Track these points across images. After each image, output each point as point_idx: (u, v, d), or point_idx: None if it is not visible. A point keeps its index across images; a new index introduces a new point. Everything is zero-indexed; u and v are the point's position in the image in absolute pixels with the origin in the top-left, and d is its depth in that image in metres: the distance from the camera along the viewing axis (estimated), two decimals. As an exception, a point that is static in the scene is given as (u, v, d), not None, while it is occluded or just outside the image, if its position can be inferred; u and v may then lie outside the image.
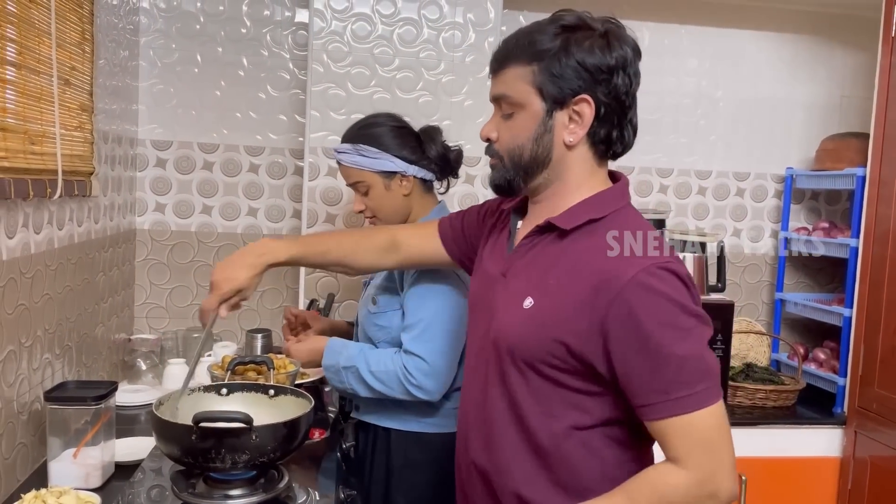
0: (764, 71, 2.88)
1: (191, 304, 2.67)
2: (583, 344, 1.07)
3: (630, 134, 1.15)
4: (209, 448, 1.27)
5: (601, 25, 1.12)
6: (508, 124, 1.16)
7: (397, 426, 1.74)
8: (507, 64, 1.14)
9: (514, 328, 1.14)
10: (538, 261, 1.16)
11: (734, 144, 2.90)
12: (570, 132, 1.12)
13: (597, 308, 1.05)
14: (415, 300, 1.68)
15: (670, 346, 1.02)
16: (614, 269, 1.06)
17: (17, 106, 1.50)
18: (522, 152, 1.15)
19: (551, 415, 1.12)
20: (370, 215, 1.83)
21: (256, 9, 2.60)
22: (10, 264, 1.48)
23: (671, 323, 1.03)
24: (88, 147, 1.94)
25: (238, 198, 2.66)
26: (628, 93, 1.12)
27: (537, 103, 1.12)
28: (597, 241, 1.11)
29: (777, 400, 2.47)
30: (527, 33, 1.13)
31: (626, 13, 2.72)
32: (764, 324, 2.92)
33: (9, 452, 1.51)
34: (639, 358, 1.04)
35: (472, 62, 2.44)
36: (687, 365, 1.02)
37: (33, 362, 1.62)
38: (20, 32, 1.50)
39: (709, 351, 1.06)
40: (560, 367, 1.10)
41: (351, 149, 1.78)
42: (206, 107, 2.61)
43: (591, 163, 1.16)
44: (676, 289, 1.05)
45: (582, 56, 1.09)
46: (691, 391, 1.02)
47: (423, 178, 1.80)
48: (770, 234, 2.95)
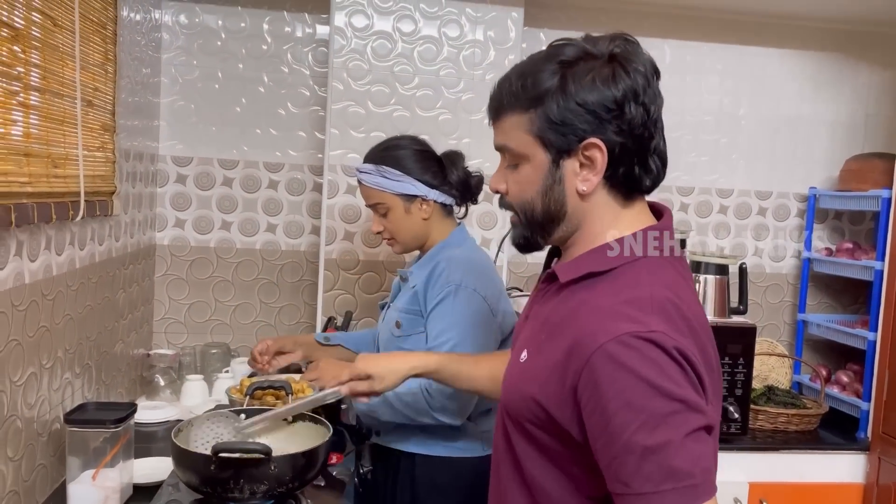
0: (787, 89, 2.85)
1: (209, 320, 2.68)
2: (559, 410, 0.95)
3: (657, 164, 1.01)
4: (228, 478, 1.27)
5: (607, 48, 0.98)
6: (515, 177, 1.05)
7: (422, 451, 1.71)
8: (504, 112, 1.03)
9: (509, 381, 1.07)
10: (541, 311, 1.07)
11: (756, 163, 2.87)
12: (582, 180, 1.00)
13: (569, 374, 0.93)
14: (439, 323, 1.66)
15: (634, 434, 0.87)
16: (588, 333, 0.92)
17: (41, 130, 1.51)
18: (534, 208, 1.03)
19: (547, 479, 1.02)
20: (388, 237, 1.83)
21: (277, 26, 2.61)
22: (32, 287, 1.48)
23: (638, 406, 0.87)
24: (110, 166, 1.96)
25: (257, 214, 2.67)
26: (646, 123, 0.97)
27: (540, 154, 1.00)
28: (592, 296, 0.98)
29: (799, 424, 2.43)
30: (521, 74, 1.00)
31: (646, 31, 2.71)
32: (785, 345, 2.88)
33: (28, 474, 1.52)
34: (602, 439, 0.90)
35: (491, 80, 2.40)
36: (653, 458, 0.86)
37: (53, 383, 1.63)
38: (44, 57, 1.51)
39: (693, 443, 0.87)
40: (545, 429, 0.99)
41: (373, 169, 1.77)
42: (227, 123, 2.62)
43: (615, 206, 1.02)
44: (655, 365, 0.88)
45: (583, 95, 0.95)
46: (656, 489, 0.86)
47: (444, 203, 1.79)
48: (792, 253, 2.92)
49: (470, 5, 2.41)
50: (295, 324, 2.72)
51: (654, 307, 0.93)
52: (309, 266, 2.70)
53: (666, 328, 0.91)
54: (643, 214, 1.05)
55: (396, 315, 1.78)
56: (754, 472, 2.31)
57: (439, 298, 1.67)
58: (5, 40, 1.34)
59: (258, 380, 1.70)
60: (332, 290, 2.45)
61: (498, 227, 2.50)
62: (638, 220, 1.04)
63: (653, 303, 0.94)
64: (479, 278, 1.70)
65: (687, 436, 0.87)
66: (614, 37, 0.99)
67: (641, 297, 0.94)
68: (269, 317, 2.71)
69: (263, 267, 2.69)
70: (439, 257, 1.75)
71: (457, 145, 2.29)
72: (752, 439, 2.36)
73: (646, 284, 0.97)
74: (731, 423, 2.28)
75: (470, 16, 2.41)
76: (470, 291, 1.66)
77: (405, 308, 1.76)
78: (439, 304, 1.67)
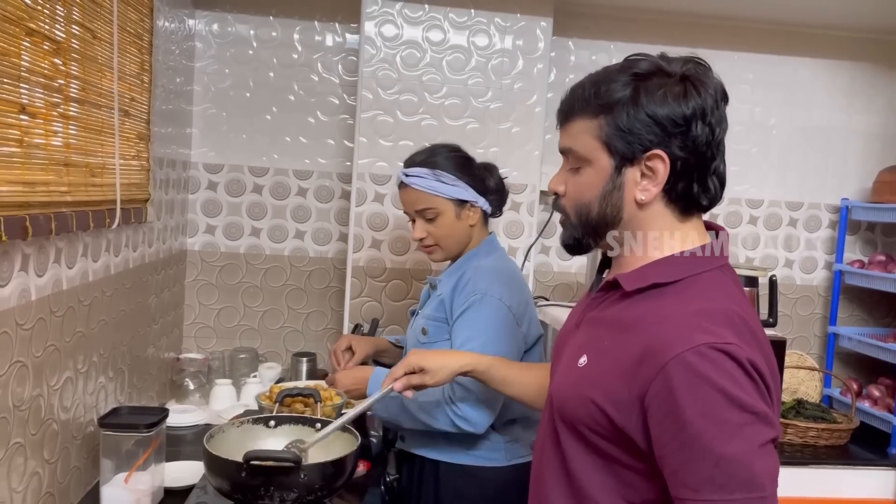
0: (819, 99, 2.82)
1: (238, 325, 2.71)
2: (622, 415, 0.97)
3: (716, 185, 1.03)
4: (258, 485, 1.29)
5: (680, 68, 1.01)
6: (575, 179, 1.07)
7: (446, 458, 1.71)
8: (573, 116, 1.06)
9: (564, 387, 1.08)
10: (601, 318, 1.08)
11: (787, 173, 2.84)
12: (642, 189, 1.02)
13: (638, 381, 0.95)
14: (464, 330, 1.67)
15: (709, 442, 0.89)
16: (662, 342, 0.94)
17: (80, 140, 1.55)
18: (590, 210, 1.06)
19: (598, 485, 1.03)
20: (431, 243, 1.79)
21: (308, 35, 2.64)
22: (69, 293, 1.52)
23: (714, 415, 0.89)
24: (145, 174, 1.99)
25: (286, 221, 2.70)
26: (710, 143, 1.00)
27: (605, 159, 1.03)
28: (658, 306, 1.00)
29: (829, 439, 2.40)
30: (594, 82, 1.04)
31: (676, 40, 2.70)
32: (816, 358, 2.84)
33: (63, 476, 1.55)
34: (673, 445, 0.92)
35: (520, 89, 2.45)
36: (726, 467, 0.89)
37: (88, 387, 1.66)
38: (83, 68, 1.55)
39: (764, 455, 0.90)
40: (602, 434, 1.01)
41: (428, 174, 1.74)
42: (257, 131, 2.65)
43: (671, 219, 1.04)
44: (730, 377, 0.90)
45: (653, 108, 0.98)
46: (726, 497, 0.88)
47: (485, 210, 1.80)
48: (823, 265, 2.88)
49: (499, 15, 2.42)
50: (322, 329, 2.74)
51: (725, 320, 0.96)
52: (336, 273, 2.72)
53: (737, 340, 0.93)
54: (699, 230, 1.08)
55: (423, 322, 1.79)
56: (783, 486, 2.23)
57: (465, 307, 1.68)
58: (47, 53, 1.37)
59: (288, 387, 1.72)
60: (359, 297, 2.47)
61: (524, 235, 2.50)
62: (695, 236, 1.06)
63: (723, 315, 0.96)
64: (506, 288, 1.70)
65: (760, 447, 0.90)
66: (688, 59, 1.03)
67: (712, 310, 0.97)
68: (297, 322, 2.73)
69: (291, 273, 2.72)
70: (467, 266, 1.76)
71: (484, 154, 2.30)
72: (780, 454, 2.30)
73: (714, 297, 0.99)
74: (760, 437, 2.25)
75: (499, 25, 2.42)
76: (495, 301, 1.67)
77: (432, 315, 1.77)
78: (465, 313, 1.68)
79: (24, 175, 1.29)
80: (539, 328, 1.80)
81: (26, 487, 1.37)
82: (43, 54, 1.35)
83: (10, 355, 1.28)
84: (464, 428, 1.61)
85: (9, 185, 1.23)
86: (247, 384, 2.39)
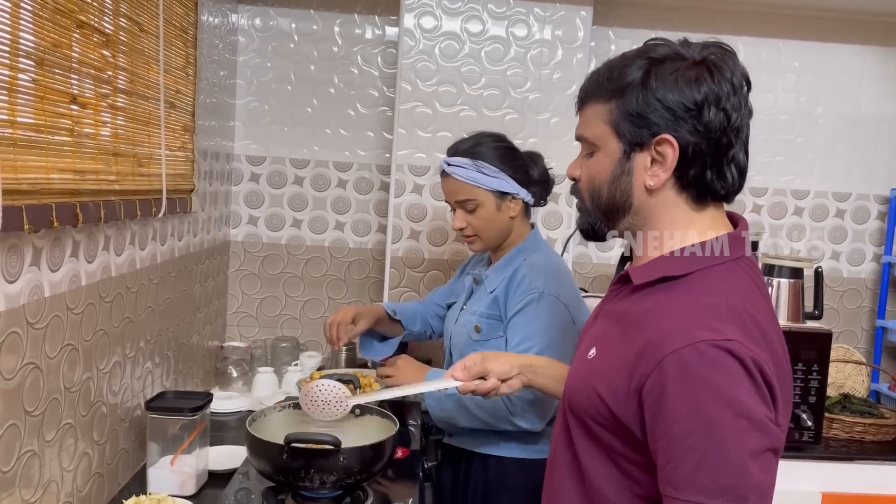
0: (868, 86, 2.74)
1: (279, 314, 2.75)
2: (622, 408, 0.96)
3: (733, 174, 1.00)
4: (299, 467, 1.31)
5: (699, 52, 0.99)
6: (588, 164, 1.08)
7: (496, 452, 1.71)
8: (588, 101, 1.06)
9: (575, 378, 1.09)
10: (613, 311, 1.08)
11: (834, 163, 2.78)
12: (651, 175, 1.01)
13: (637, 374, 0.94)
14: (522, 329, 1.65)
15: (695, 443, 0.87)
16: (663, 336, 0.92)
17: (127, 131, 1.59)
18: (601, 194, 1.06)
19: (606, 477, 1.03)
20: (471, 233, 1.79)
21: (348, 28, 2.67)
22: (117, 280, 1.56)
23: (704, 415, 0.87)
24: (189, 165, 2.04)
25: (326, 212, 2.73)
26: (725, 129, 0.97)
27: (613, 143, 1.02)
28: (666, 300, 0.99)
29: (876, 434, 2.34)
30: (610, 67, 1.03)
31: (719, 28, 2.65)
32: (863, 352, 2.78)
33: (112, 458, 1.60)
34: (662, 441, 0.91)
35: (559, 80, 2.43)
36: (708, 470, 0.87)
37: (136, 372, 1.71)
38: (131, 61, 1.59)
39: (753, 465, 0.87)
40: (605, 426, 1.00)
41: (470, 164, 1.73)
42: (298, 123, 2.69)
43: (685, 208, 1.02)
44: (726, 376, 0.88)
45: (663, 92, 0.97)
46: (704, 501, 0.87)
47: (526, 202, 1.79)
48: (872, 257, 2.81)
49: (538, 5, 2.41)
50: (361, 320, 2.77)
51: (731, 316, 0.93)
52: (375, 263, 2.75)
53: (742, 337, 0.91)
54: (718, 221, 1.05)
55: (475, 319, 1.77)
56: (827, 482, 2.23)
57: (522, 305, 1.66)
58: (97, 45, 1.41)
59: (328, 373, 1.74)
60: (397, 288, 2.49)
61: (563, 226, 2.49)
62: (712, 226, 1.04)
63: (729, 311, 0.94)
64: (561, 285, 1.69)
65: (752, 456, 0.87)
66: (710, 44, 1.01)
67: (718, 305, 0.95)
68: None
69: (332, 264, 2.75)
70: (519, 262, 1.74)
71: (523, 145, 2.28)
72: (825, 448, 2.29)
73: (722, 292, 0.97)
74: (805, 431, 2.21)
75: (538, 15, 2.41)
76: (553, 299, 1.65)
77: (484, 313, 1.75)
78: (522, 311, 1.66)
79: (75, 164, 1.34)
80: None
81: (76, 467, 1.42)
82: (93, 46, 1.39)
83: (61, 338, 1.32)
84: (522, 426, 1.60)
85: (60, 172, 1.28)
86: (288, 372, 2.43)
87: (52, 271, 1.27)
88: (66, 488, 1.38)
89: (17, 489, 1.20)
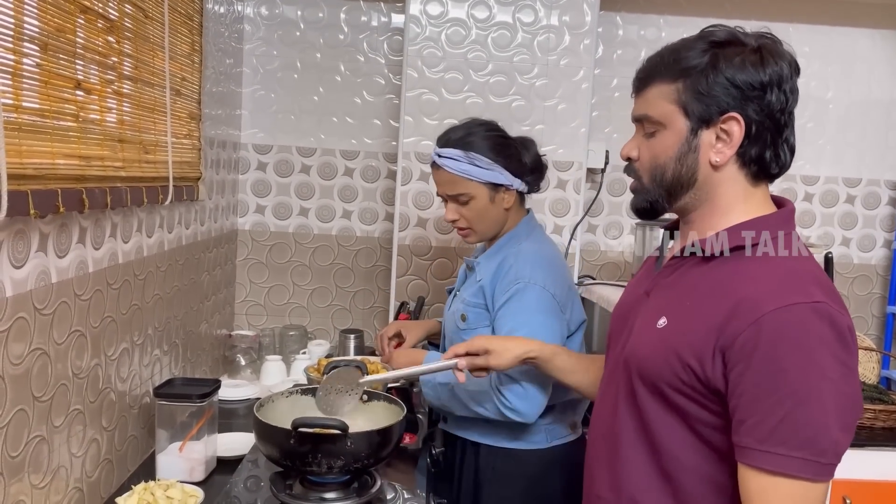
0: (879, 71, 2.71)
1: (287, 303, 2.76)
2: (707, 368, 1.00)
3: (786, 153, 1.07)
4: (307, 452, 1.32)
5: (754, 41, 1.05)
6: (650, 143, 1.10)
7: (487, 441, 1.71)
8: (651, 82, 1.09)
9: (644, 347, 1.10)
10: (680, 283, 1.11)
11: (844, 149, 2.75)
12: (716, 152, 1.06)
13: (726, 334, 0.98)
14: (509, 320, 1.63)
15: (782, 398, 0.93)
16: (754, 300, 0.97)
17: (133, 118, 1.59)
18: (665, 171, 1.09)
19: (679, 441, 1.06)
20: (464, 226, 1.75)
21: (354, 15, 2.65)
22: (125, 267, 1.57)
23: (792, 375, 0.93)
24: (196, 153, 2.04)
25: (333, 200, 2.73)
26: (783, 110, 1.04)
27: (681, 121, 1.06)
28: (743, 267, 1.04)
29: (887, 421, 2.33)
30: (672, 50, 1.08)
31: (728, 12, 2.63)
32: (874, 338, 2.76)
33: (121, 444, 1.60)
34: (747, 395, 0.95)
35: (566, 65, 2.42)
36: (795, 422, 0.92)
37: (144, 359, 1.72)
38: (136, 47, 1.59)
39: (834, 424, 0.92)
40: (686, 393, 1.03)
41: (462, 156, 1.68)
42: (305, 111, 2.68)
43: (744, 184, 1.08)
44: (817, 338, 0.94)
45: (732, 72, 1.02)
46: (786, 453, 0.92)
47: (520, 191, 1.75)
48: (882, 243, 2.79)
49: (545, -10, 2.39)
50: (369, 308, 2.77)
51: (813, 279, 1.00)
52: (383, 252, 2.75)
53: (828, 299, 0.96)
54: (768, 199, 1.11)
55: (462, 308, 1.75)
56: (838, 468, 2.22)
57: (508, 295, 1.63)
58: (101, 31, 1.41)
59: (335, 359, 1.74)
60: (404, 276, 2.49)
61: (571, 213, 2.48)
62: (765, 202, 1.10)
63: (811, 275, 1.01)
64: (549, 274, 1.66)
65: (832, 414, 0.93)
66: (761, 34, 1.07)
67: (799, 271, 1.01)
68: (345, 301, 2.77)
69: (339, 252, 2.75)
70: (507, 250, 1.71)
71: (530, 132, 2.28)
72: (835, 435, 2.27)
73: (797, 260, 1.04)
74: (814, 418, 2.20)
75: (545, 0, 2.40)
76: (539, 288, 1.62)
77: (471, 301, 1.73)
78: (508, 302, 1.63)
79: (80, 149, 1.34)
80: (582, 313, 1.76)
81: (85, 453, 1.43)
82: (97, 32, 1.39)
83: (69, 324, 1.32)
84: (512, 418, 1.59)
85: (66, 158, 1.28)
86: (296, 360, 2.43)
87: (59, 257, 1.28)
88: (76, 474, 1.39)
89: (26, 474, 1.20)
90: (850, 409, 0.95)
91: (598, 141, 2.62)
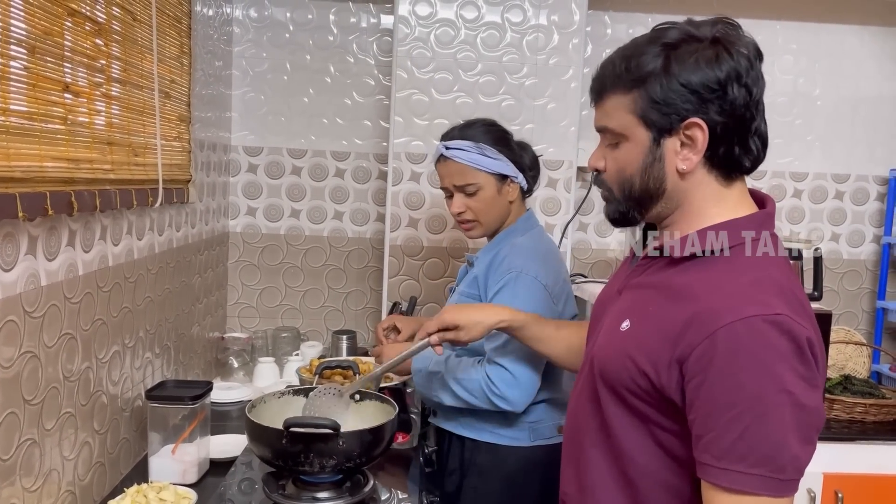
0: (866, 67, 2.73)
1: (279, 305, 2.76)
2: (662, 377, 0.97)
3: (757, 145, 1.02)
4: (299, 452, 1.32)
5: (710, 30, 0.99)
6: (615, 154, 1.06)
7: (471, 435, 1.72)
8: (606, 93, 1.05)
9: (607, 349, 1.08)
10: (647, 283, 1.08)
11: (833, 145, 2.77)
12: (683, 159, 1.01)
13: (682, 345, 0.95)
14: None
15: (739, 414, 0.89)
16: (713, 310, 0.93)
17: (122, 120, 1.59)
18: (633, 185, 1.05)
19: (637, 445, 1.04)
20: (470, 217, 1.77)
21: (343, 16, 2.66)
22: (115, 270, 1.56)
23: (750, 389, 0.89)
24: (186, 156, 2.04)
25: (324, 202, 2.73)
26: (748, 104, 0.99)
27: (642, 132, 1.02)
28: (709, 274, 1.00)
29: (877, 414, 2.34)
30: (624, 57, 1.02)
31: (715, 10, 2.64)
32: (864, 333, 2.78)
33: (113, 447, 1.60)
34: (704, 410, 0.93)
35: (555, 65, 2.42)
36: (752, 438, 0.89)
37: (136, 362, 1.71)
38: (124, 50, 1.59)
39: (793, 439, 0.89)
40: (641, 396, 1.01)
41: (472, 147, 1.71)
42: (295, 113, 2.69)
43: (715, 186, 1.03)
44: (775, 352, 0.90)
45: (687, 76, 0.97)
46: (745, 470, 0.89)
47: (522, 187, 1.79)
48: (871, 239, 2.80)
49: (533, -10, 2.40)
50: (361, 308, 2.78)
51: (775, 290, 0.95)
52: (374, 252, 2.75)
53: (789, 311, 0.92)
54: (745, 197, 1.06)
55: (457, 298, 1.78)
56: (829, 462, 2.23)
57: (500, 285, 1.66)
58: (89, 34, 1.41)
59: (327, 360, 1.74)
60: (396, 276, 2.49)
61: (561, 212, 2.49)
62: (741, 202, 1.05)
63: (773, 285, 0.96)
64: (542, 266, 1.68)
65: (791, 429, 0.90)
66: (716, 20, 1.01)
67: (762, 280, 0.96)
68: (337, 302, 2.77)
69: (331, 253, 2.75)
70: (504, 244, 1.74)
71: (520, 131, 2.29)
72: (826, 429, 2.28)
73: (763, 267, 0.99)
74: (805, 412, 2.21)
75: (533, 0, 2.40)
76: (530, 279, 1.64)
77: (465, 291, 1.76)
78: (500, 291, 1.65)
79: (69, 152, 1.33)
80: (574, 307, 1.78)
81: (77, 456, 1.42)
82: (85, 35, 1.39)
83: (59, 327, 1.32)
84: (501, 407, 1.60)
85: (54, 161, 1.28)
86: (289, 362, 2.44)
87: (49, 260, 1.28)
88: (68, 477, 1.39)
89: (17, 477, 1.20)
90: (810, 423, 0.91)
91: (587, 139, 2.62)
